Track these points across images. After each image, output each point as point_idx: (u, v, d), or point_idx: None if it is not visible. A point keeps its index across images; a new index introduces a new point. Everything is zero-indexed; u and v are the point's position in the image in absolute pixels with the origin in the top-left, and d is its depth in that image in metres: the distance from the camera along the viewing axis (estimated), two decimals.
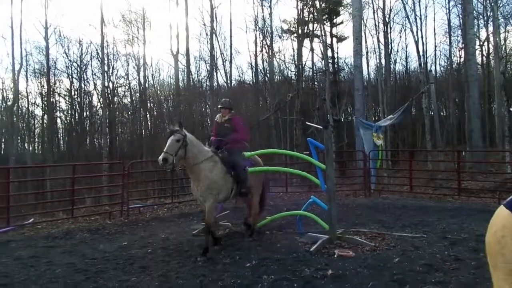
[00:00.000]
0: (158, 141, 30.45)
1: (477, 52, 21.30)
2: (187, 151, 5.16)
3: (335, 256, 4.86)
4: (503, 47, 19.95)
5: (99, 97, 27.87)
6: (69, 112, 30.66)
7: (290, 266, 4.51)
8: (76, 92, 29.90)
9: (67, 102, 30.29)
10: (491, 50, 23.50)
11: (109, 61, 28.21)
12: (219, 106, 6.22)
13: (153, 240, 6.17)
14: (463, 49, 20.39)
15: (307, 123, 6.66)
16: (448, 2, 24.99)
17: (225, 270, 4.45)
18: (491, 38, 22.31)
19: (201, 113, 29.94)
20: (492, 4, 17.37)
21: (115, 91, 29.45)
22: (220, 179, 5.42)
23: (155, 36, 53.71)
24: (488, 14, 22.11)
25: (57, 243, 6.30)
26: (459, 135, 24.69)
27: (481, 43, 24.45)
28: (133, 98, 31.37)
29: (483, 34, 24.99)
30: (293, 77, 25.76)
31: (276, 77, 26.55)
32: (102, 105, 26.42)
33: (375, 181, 11.79)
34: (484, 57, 24.89)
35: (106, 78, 26.66)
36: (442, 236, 5.74)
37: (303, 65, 23.79)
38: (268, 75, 26.10)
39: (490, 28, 22.42)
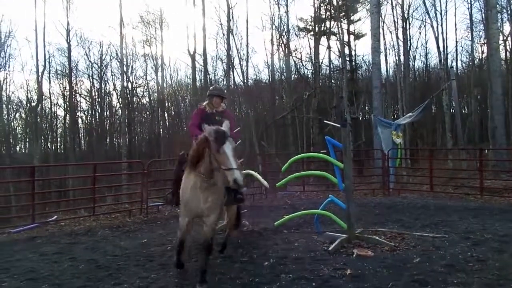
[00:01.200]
0: (176, 140, 30.91)
1: (501, 47, 20.65)
2: None
3: (354, 255, 4.81)
4: None
5: (119, 97, 28.41)
6: (90, 112, 31.41)
7: (308, 265, 4.50)
8: (96, 93, 30.60)
9: (88, 103, 31.04)
10: None
11: (128, 61, 28.75)
12: (212, 94, 5.11)
13: (172, 238, 6.23)
14: (485, 44, 19.83)
15: (324, 121, 6.60)
16: None
17: (243, 268, 4.47)
18: None
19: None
20: None
21: (134, 91, 29.99)
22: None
23: (172, 36, 54.36)
24: None
25: (80, 240, 6.48)
26: (481, 133, 24.02)
27: (505, 38, 23.67)
28: (151, 98, 31.87)
29: (506, 28, 24.17)
30: (309, 76, 25.62)
31: (293, 75, 26.44)
32: (121, 105, 26.91)
33: (394, 180, 11.62)
34: (508, 52, 24.10)
35: (125, 78, 27.17)
36: (464, 236, 5.60)
37: (320, 63, 23.61)
38: (285, 74, 26.01)
39: None
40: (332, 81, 26.89)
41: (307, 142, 21.95)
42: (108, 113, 31.38)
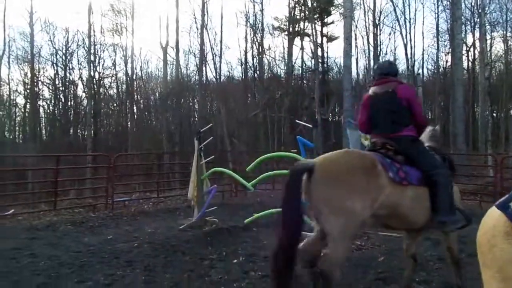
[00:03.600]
0: (145, 135, 30.21)
1: (464, 57, 21.75)
2: None
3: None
4: (489, 53, 20.44)
5: (85, 87, 27.36)
6: (53, 101, 30.03)
7: None
8: (60, 81, 29.29)
9: (51, 91, 29.64)
10: (477, 56, 24.03)
11: (96, 50, 27.72)
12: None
13: (139, 234, 6.12)
14: (450, 54, 20.80)
15: (296, 121, 6.69)
16: (437, 7, 25.44)
17: (212, 266, 4.44)
18: (477, 44, 22.82)
19: (188, 108, 29.74)
20: (480, 10, 17.77)
21: (101, 81, 28.97)
22: None
23: (144, 28, 52.95)
24: (476, 20, 22.60)
25: (40, 235, 6.18)
26: (443, 139, 25.21)
27: (468, 48, 24.96)
28: (120, 89, 30.94)
29: (469, 39, 25.51)
30: (282, 75, 25.83)
31: (266, 74, 26.56)
32: (87, 96, 25.93)
33: None
34: (470, 62, 25.42)
35: (92, 68, 26.19)
36: (425, 237, 5.83)
37: (293, 64, 23.87)
38: (258, 72, 26.08)
39: (477, 34, 22.94)
40: (304, 81, 27.26)
41: (278, 141, 22.14)
42: (72, 103, 30.15)
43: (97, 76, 27.88)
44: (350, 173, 2.74)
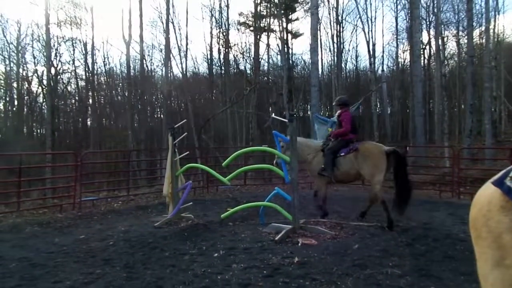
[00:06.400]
0: (107, 132, 29.18)
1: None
2: None
3: (299, 244, 5.05)
4: (444, 51, 21.64)
5: (41, 83, 25.96)
6: (4, 98, 28.22)
7: (257, 254, 4.62)
8: (13, 77, 27.54)
9: (1, 87, 27.81)
10: (432, 53, 25.33)
11: (53, 44, 26.30)
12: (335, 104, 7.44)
13: (113, 232, 5.97)
14: (408, 51, 21.79)
15: (273, 116, 6.84)
16: (396, 6, 26.52)
17: (193, 260, 4.44)
18: (433, 42, 24.07)
19: (151, 103, 29.04)
20: (436, 10, 18.74)
21: (59, 77, 27.57)
22: None
23: (105, 21, 50.97)
24: (431, 19, 23.81)
25: (4, 237, 5.88)
26: (402, 132, 26.44)
27: (424, 46, 26.26)
28: (79, 85, 29.66)
29: (425, 38, 26.85)
30: (248, 71, 25.88)
31: (232, 70, 26.49)
32: (44, 92, 24.63)
33: None
34: (425, 59, 26.76)
35: (48, 62, 24.84)
36: (394, 225, 6.17)
37: (260, 60, 23.97)
38: (224, 68, 25.96)
39: (432, 33, 24.19)
40: (270, 77, 27.49)
41: (246, 137, 22.20)
42: (28, 100, 28.50)
43: (53, 71, 26.47)
44: None
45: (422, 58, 25.28)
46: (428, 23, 24.87)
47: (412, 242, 5.12)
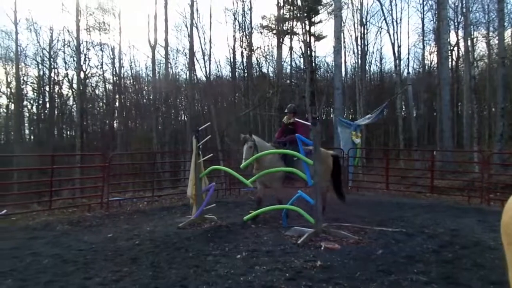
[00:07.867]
0: (134, 134, 29.92)
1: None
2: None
3: (322, 248, 5.03)
4: (473, 52, 20.94)
5: (72, 87, 26.94)
6: (37, 101, 29.46)
7: (280, 257, 4.63)
8: (45, 81, 28.73)
9: (35, 91, 29.07)
10: (461, 55, 24.59)
11: (82, 49, 27.27)
12: (286, 111, 7.63)
13: (139, 232, 6.13)
14: (436, 53, 21.24)
15: (296, 120, 6.80)
16: (423, 7, 25.92)
17: (216, 261, 4.51)
18: (461, 43, 23.37)
19: (175, 106, 29.51)
20: (464, 10, 18.21)
21: (88, 80, 28.55)
22: None
23: (132, 26, 52.30)
24: (459, 20, 23.13)
25: (38, 234, 6.15)
26: (428, 136, 25.75)
27: (452, 47, 25.53)
28: (107, 88, 30.58)
29: (453, 39, 26.11)
30: (271, 74, 25.94)
31: (255, 73, 26.61)
32: (74, 95, 25.55)
33: (352, 178, 12.16)
34: (453, 61, 26.00)
35: (78, 67, 25.78)
36: (420, 231, 6.05)
37: (282, 62, 23.98)
38: (247, 71, 26.12)
39: (461, 34, 23.48)
40: (293, 80, 27.44)
41: (268, 140, 22.19)
42: (59, 103, 29.63)
43: (83, 75, 27.44)
44: None
45: (450, 59, 24.60)
46: (456, 23, 24.20)
47: (439, 249, 5.00)
